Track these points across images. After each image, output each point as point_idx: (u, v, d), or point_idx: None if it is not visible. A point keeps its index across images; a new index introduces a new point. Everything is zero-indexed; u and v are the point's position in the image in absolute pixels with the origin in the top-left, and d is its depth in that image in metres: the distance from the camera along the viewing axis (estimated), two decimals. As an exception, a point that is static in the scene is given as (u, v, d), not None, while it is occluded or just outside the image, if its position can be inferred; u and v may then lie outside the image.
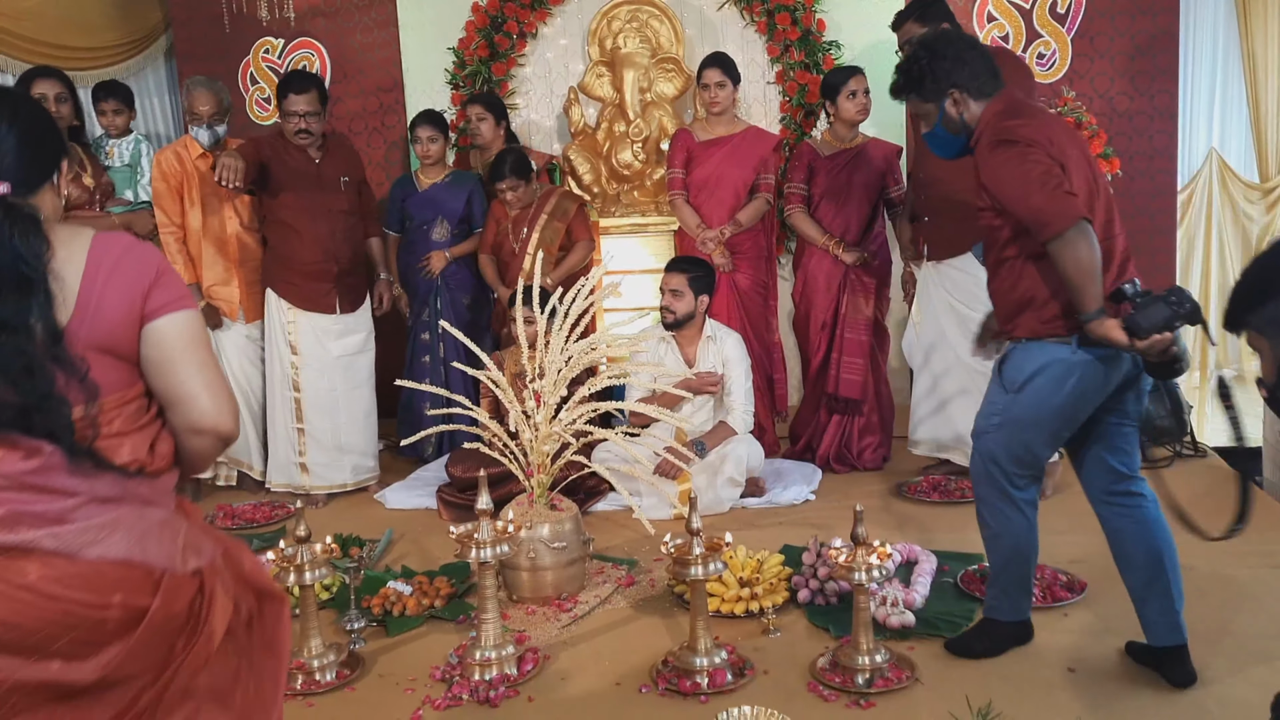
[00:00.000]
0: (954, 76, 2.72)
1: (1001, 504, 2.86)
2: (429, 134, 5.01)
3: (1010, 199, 2.61)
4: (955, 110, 2.76)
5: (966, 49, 2.77)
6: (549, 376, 3.51)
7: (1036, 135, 2.62)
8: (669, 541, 2.99)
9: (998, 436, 2.80)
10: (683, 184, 4.93)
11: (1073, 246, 2.51)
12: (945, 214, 4.18)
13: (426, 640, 3.28)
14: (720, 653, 2.91)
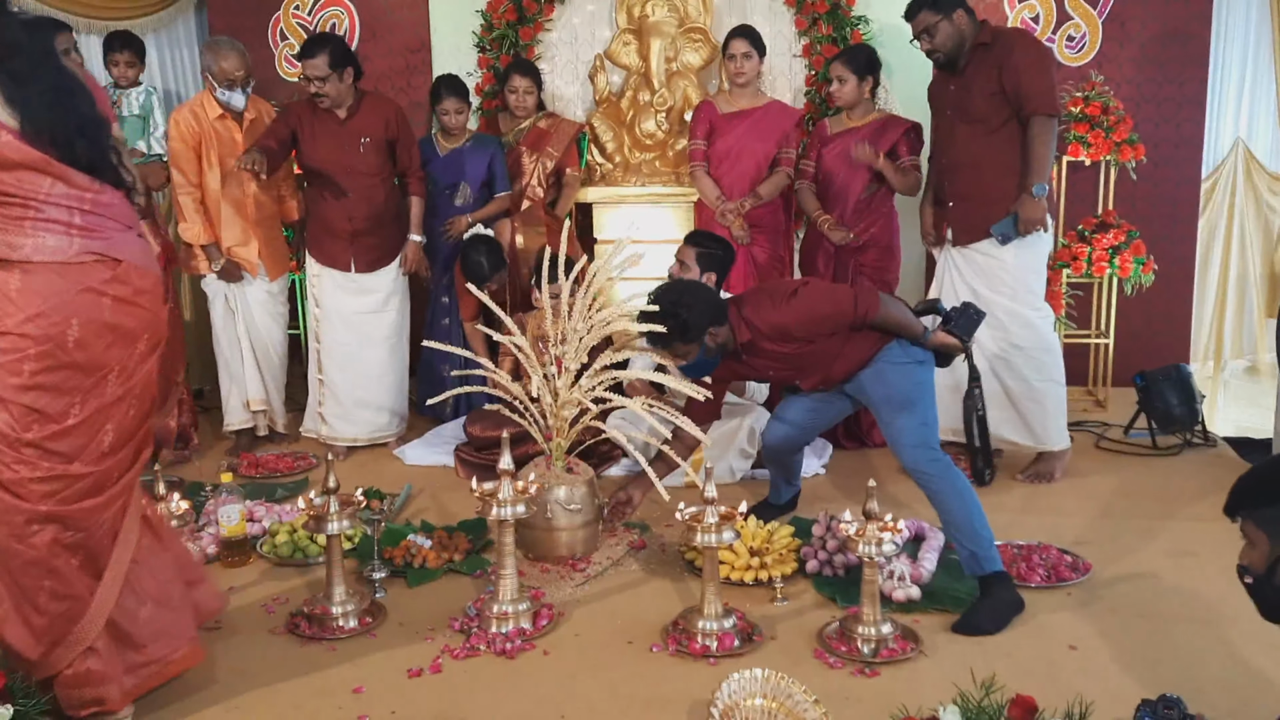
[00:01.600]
0: (705, 318, 3.32)
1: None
2: (456, 105, 5.05)
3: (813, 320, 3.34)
4: (713, 341, 3.37)
5: (701, 291, 3.44)
6: (570, 343, 3.60)
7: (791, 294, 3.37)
8: (682, 509, 3.09)
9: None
10: (704, 155, 4.99)
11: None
12: (971, 199, 4.22)
13: (445, 592, 3.40)
14: (730, 618, 3.02)
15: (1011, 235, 4.13)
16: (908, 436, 3.27)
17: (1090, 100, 5.18)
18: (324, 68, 4.47)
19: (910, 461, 3.25)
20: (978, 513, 3.14)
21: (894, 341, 3.37)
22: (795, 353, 3.40)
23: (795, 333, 3.34)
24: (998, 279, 4.19)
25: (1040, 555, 3.46)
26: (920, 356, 3.39)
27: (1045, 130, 4.02)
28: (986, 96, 4.10)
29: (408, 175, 4.84)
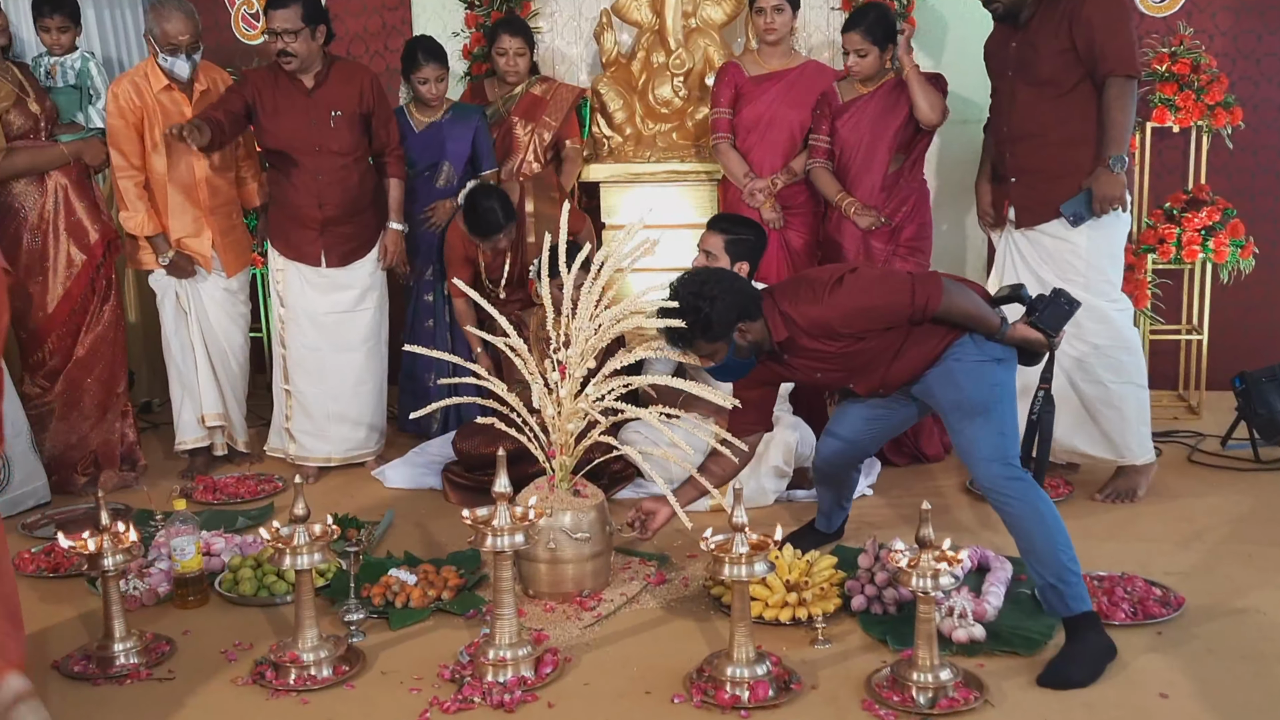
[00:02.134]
0: (733, 312, 3.30)
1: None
2: (435, 73, 5.04)
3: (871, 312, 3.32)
4: (744, 339, 3.36)
5: (728, 279, 3.39)
6: (576, 346, 3.61)
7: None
8: (708, 537, 3.09)
9: None
10: (729, 126, 5.00)
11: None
12: (1036, 173, 4.21)
13: (433, 635, 3.41)
14: (763, 663, 3.02)
15: (1085, 215, 4.11)
16: (981, 448, 3.25)
17: (1178, 57, 5.16)
18: (296, 20, 4.48)
19: (984, 478, 3.24)
20: (1064, 541, 3.11)
21: (966, 335, 3.35)
22: (844, 352, 3.38)
23: (841, 329, 3.32)
24: (1068, 266, 4.17)
25: (1125, 588, 3.45)
26: (998, 354, 3.36)
27: (1124, 94, 4.01)
28: (1054, 55, 4.08)
29: (385, 154, 4.86)
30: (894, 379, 3.45)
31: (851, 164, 4.74)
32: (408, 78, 5.12)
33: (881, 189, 4.70)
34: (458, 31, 5.76)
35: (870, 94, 4.69)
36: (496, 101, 5.37)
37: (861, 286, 3.33)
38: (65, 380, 4.72)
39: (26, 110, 4.55)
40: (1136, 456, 4.30)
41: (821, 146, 4.79)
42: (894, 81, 4.66)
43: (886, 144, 4.67)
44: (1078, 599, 3.09)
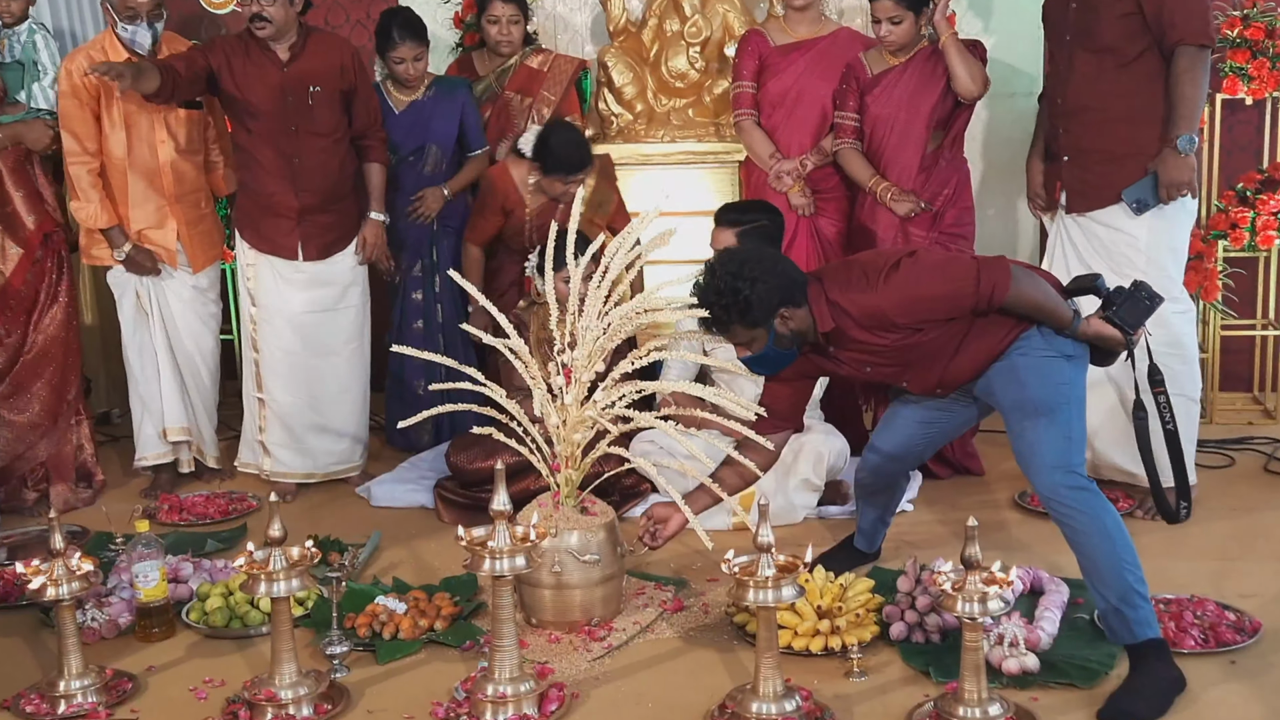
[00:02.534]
0: (775, 296, 3.27)
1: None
2: (413, 51, 5.03)
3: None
4: (785, 327, 3.32)
5: (770, 259, 3.36)
6: (582, 347, 3.62)
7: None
8: (730, 559, 3.11)
9: None
10: (753, 101, 5.01)
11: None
12: (1093, 153, 4.21)
13: (425, 670, 3.42)
14: (792, 698, 3.02)
15: (1150, 202, 4.10)
16: (1043, 453, 3.24)
17: (1251, 21, 5.16)
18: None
19: (1044, 486, 3.23)
20: (1131, 560, 3.12)
21: (1034, 328, 3.34)
22: (899, 345, 3.35)
23: (897, 319, 3.29)
24: (1125, 259, 4.15)
25: (1194, 612, 3.46)
26: (1069, 350, 3.34)
27: (1194, 65, 4.00)
28: (1116, 19, 4.06)
29: (367, 136, 4.87)
30: (953, 377, 3.44)
31: (885, 144, 4.73)
32: (383, 56, 5.10)
33: (919, 171, 4.69)
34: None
35: (903, 65, 4.67)
36: (489, 76, 5.39)
37: (921, 272, 3.30)
38: (11, 384, 4.71)
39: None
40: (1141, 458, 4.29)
41: (849, 125, 4.78)
42: (929, 50, 4.63)
43: (923, 120, 4.66)
44: (1144, 625, 3.09)
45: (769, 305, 3.27)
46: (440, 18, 5.83)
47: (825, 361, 3.50)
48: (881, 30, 4.62)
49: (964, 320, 3.32)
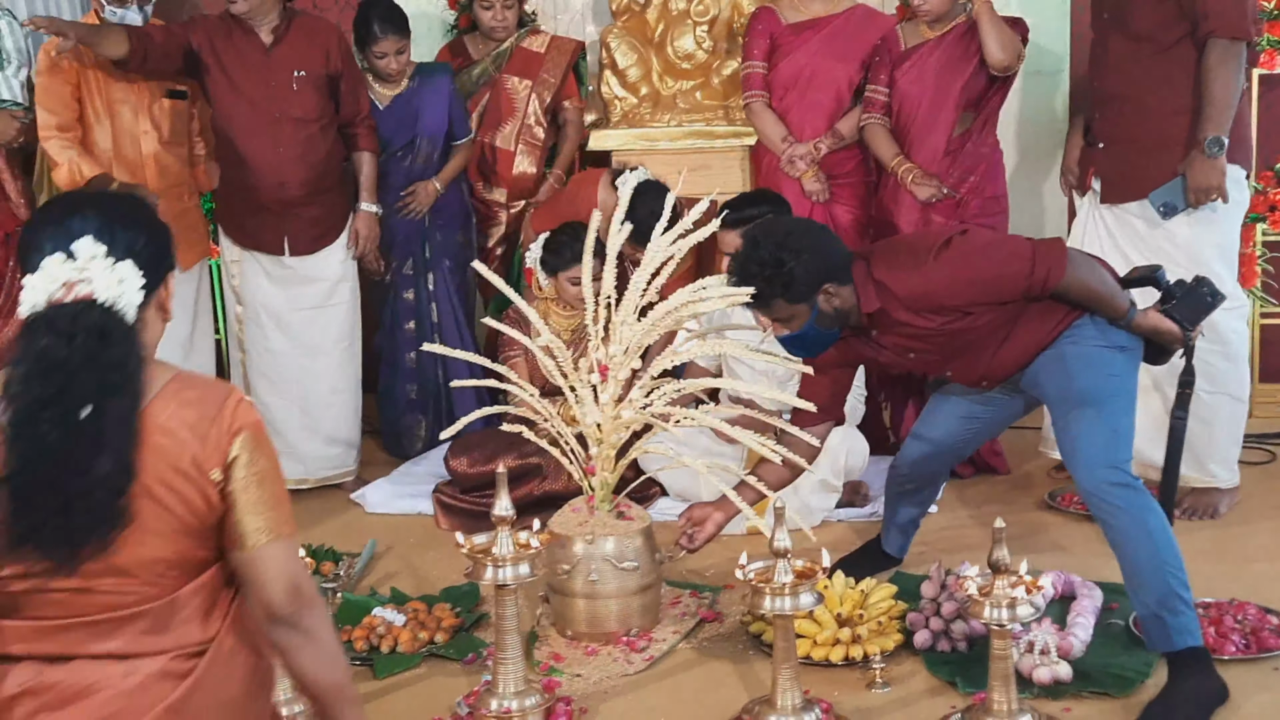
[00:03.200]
0: (820, 272, 3.28)
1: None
2: (395, 45, 5.02)
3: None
4: (829, 305, 3.32)
5: (816, 233, 3.40)
6: (618, 343, 3.63)
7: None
8: (745, 565, 3.12)
9: None
10: (764, 82, 5.02)
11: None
12: (1127, 142, 4.20)
13: (425, 684, 3.44)
14: (812, 711, 3.05)
15: (1179, 206, 4.08)
16: (1087, 447, 3.24)
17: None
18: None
19: (1087, 481, 3.23)
20: (1175, 564, 3.12)
21: (1086, 316, 3.34)
22: (945, 329, 3.34)
23: (946, 301, 3.29)
24: (1165, 256, 4.09)
25: (1235, 616, 3.47)
26: (1123, 341, 3.34)
27: (1226, 60, 3.95)
28: (1152, 4, 4.04)
29: (355, 124, 4.88)
30: (1000, 368, 3.44)
31: (912, 123, 4.74)
32: (362, 49, 5.07)
33: (945, 153, 4.69)
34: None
35: (937, 39, 4.67)
36: (484, 60, 5.41)
37: (973, 252, 3.32)
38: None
39: None
40: (1220, 480, 4.31)
41: (879, 100, 4.79)
42: (965, 26, 4.62)
43: (953, 99, 4.66)
44: (1184, 632, 3.10)
45: (814, 280, 3.27)
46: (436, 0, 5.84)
47: (865, 347, 3.50)
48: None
49: (1014, 306, 3.31)
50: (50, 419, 1.77)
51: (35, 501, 1.77)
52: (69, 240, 1.85)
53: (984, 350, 3.40)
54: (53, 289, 1.84)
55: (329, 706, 2.06)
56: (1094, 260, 3.39)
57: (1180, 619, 3.10)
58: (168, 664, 1.90)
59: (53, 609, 1.87)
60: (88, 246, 1.85)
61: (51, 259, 1.84)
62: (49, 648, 1.87)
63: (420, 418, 5.31)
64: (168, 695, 1.87)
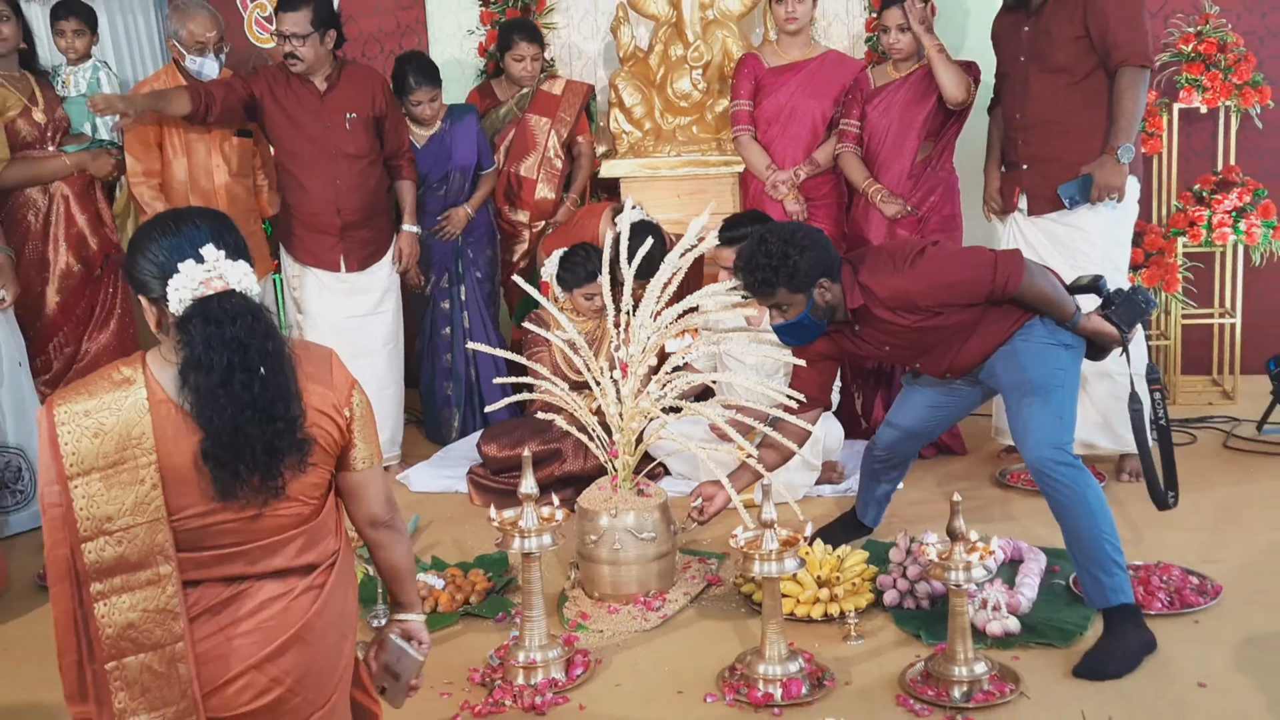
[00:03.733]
0: (819, 268, 3.26)
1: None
2: (429, 94, 5.04)
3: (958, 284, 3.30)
4: (822, 298, 3.30)
5: (816, 234, 3.35)
6: (637, 343, 3.64)
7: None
8: (737, 534, 3.11)
9: None
10: (750, 118, 5.01)
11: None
12: (1050, 161, 4.23)
13: (462, 640, 3.45)
14: (796, 660, 3.04)
15: (1080, 200, 4.13)
16: (1036, 430, 3.23)
17: (1204, 36, 5.14)
18: (305, 24, 4.51)
19: (1035, 460, 3.22)
20: (1109, 531, 3.12)
21: (1036, 318, 3.34)
22: (918, 326, 3.34)
23: (920, 301, 3.28)
24: (1081, 254, 4.16)
25: (1161, 577, 3.46)
26: (1067, 340, 3.35)
27: (1135, 84, 4.04)
28: (1069, 42, 4.10)
29: (397, 157, 4.88)
30: (963, 362, 3.43)
31: (880, 151, 4.74)
32: (400, 98, 5.06)
33: (909, 176, 4.70)
34: (473, 29, 5.79)
35: (902, 80, 4.69)
36: (510, 101, 5.41)
37: (944, 259, 3.32)
38: None
39: (32, 120, 4.57)
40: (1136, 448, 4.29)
41: (851, 132, 4.80)
42: (926, 69, 4.64)
43: (916, 130, 4.67)
44: (1118, 591, 3.09)
45: (814, 273, 3.26)
46: (465, 47, 5.84)
47: (848, 340, 3.49)
48: (890, 38, 4.65)
49: (977, 308, 3.32)
50: (241, 381, 1.90)
51: (245, 447, 1.90)
52: (193, 247, 1.95)
53: (950, 346, 3.40)
54: (194, 287, 1.92)
55: (405, 582, 2.32)
56: (1046, 269, 3.39)
57: (1114, 579, 3.09)
58: (313, 581, 2.06)
59: (228, 538, 1.98)
60: (211, 251, 1.95)
61: (185, 264, 1.93)
62: (223, 571, 1.99)
63: (454, 410, 5.31)
64: (310, 607, 2.03)
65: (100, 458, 1.90)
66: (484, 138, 5.22)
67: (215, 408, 1.90)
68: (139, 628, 1.92)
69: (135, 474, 1.91)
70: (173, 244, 1.96)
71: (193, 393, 1.91)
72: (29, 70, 4.66)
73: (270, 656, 2.00)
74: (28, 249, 4.65)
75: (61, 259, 4.71)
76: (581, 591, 3.68)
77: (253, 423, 1.91)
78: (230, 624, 1.99)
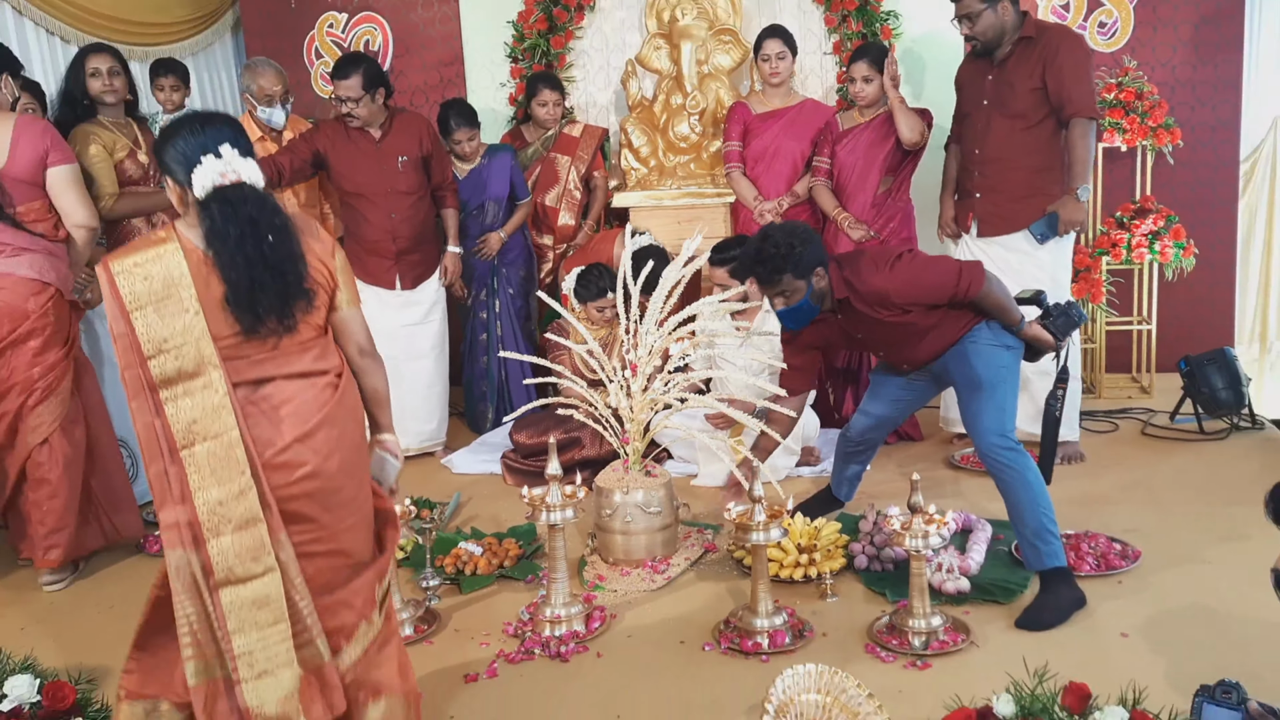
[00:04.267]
0: (817, 258, 3.27)
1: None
2: (468, 134, 5.05)
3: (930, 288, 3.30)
4: (819, 285, 3.30)
5: (815, 235, 3.35)
6: (643, 346, 3.67)
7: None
8: (731, 508, 3.13)
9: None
10: (739, 157, 5.02)
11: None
12: (1002, 192, 4.24)
13: (497, 598, 3.46)
14: (781, 615, 3.05)
15: (1050, 235, 4.15)
16: (983, 420, 3.25)
17: (1124, 86, 5.16)
18: (358, 89, 4.52)
19: (983, 445, 3.23)
20: (1045, 505, 3.13)
21: (983, 323, 3.35)
22: (888, 321, 3.33)
23: (894, 299, 3.27)
24: (1030, 277, 4.16)
25: (1089, 544, 3.46)
26: (1010, 342, 3.35)
27: (1086, 133, 4.07)
28: (1028, 92, 4.11)
29: (441, 189, 4.88)
30: (919, 357, 3.43)
31: (848, 184, 4.74)
32: (444, 137, 5.07)
33: (872, 206, 4.70)
34: (504, 82, 5.82)
35: (866, 124, 4.70)
36: (536, 142, 5.43)
37: (918, 265, 3.32)
38: None
39: (137, 160, 4.59)
40: (1068, 436, 4.35)
41: (823, 168, 4.81)
42: (887, 115, 4.65)
43: (878, 167, 4.67)
44: (1053, 556, 3.11)
45: (814, 261, 3.27)
46: (498, 98, 5.86)
47: (828, 327, 3.48)
48: (856, 88, 4.65)
49: (939, 310, 3.32)
50: (253, 246, 2.10)
51: (261, 297, 2.11)
52: (215, 145, 2.11)
53: (910, 342, 3.40)
54: (215, 178, 2.10)
55: (384, 406, 2.50)
56: (1000, 281, 3.38)
57: (1050, 546, 3.11)
58: (329, 380, 2.25)
59: (260, 350, 2.17)
60: (228, 149, 2.12)
61: (207, 158, 2.10)
62: (260, 373, 2.17)
63: (489, 405, 5.32)
64: (331, 398, 2.22)
65: (151, 295, 2.07)
66: (519, 174, 5.22)
67: (233, 266, 2.10)
68: (200, 423, 2.07)
69: (180, 304, 2.08)
70: (198, 141, 2.12)
71: (215, 255, 2.11)
72: (132, 118, 4.68)
73: (308, 433, 2.17)
74: None
75: None
76: (598, 557, 3.70)
77: (266, 278, 2.12)
78: (272, 410, 2.16)
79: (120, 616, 3.47)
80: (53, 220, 3.74)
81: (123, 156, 4.51)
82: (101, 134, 4.30)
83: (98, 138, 4.26)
